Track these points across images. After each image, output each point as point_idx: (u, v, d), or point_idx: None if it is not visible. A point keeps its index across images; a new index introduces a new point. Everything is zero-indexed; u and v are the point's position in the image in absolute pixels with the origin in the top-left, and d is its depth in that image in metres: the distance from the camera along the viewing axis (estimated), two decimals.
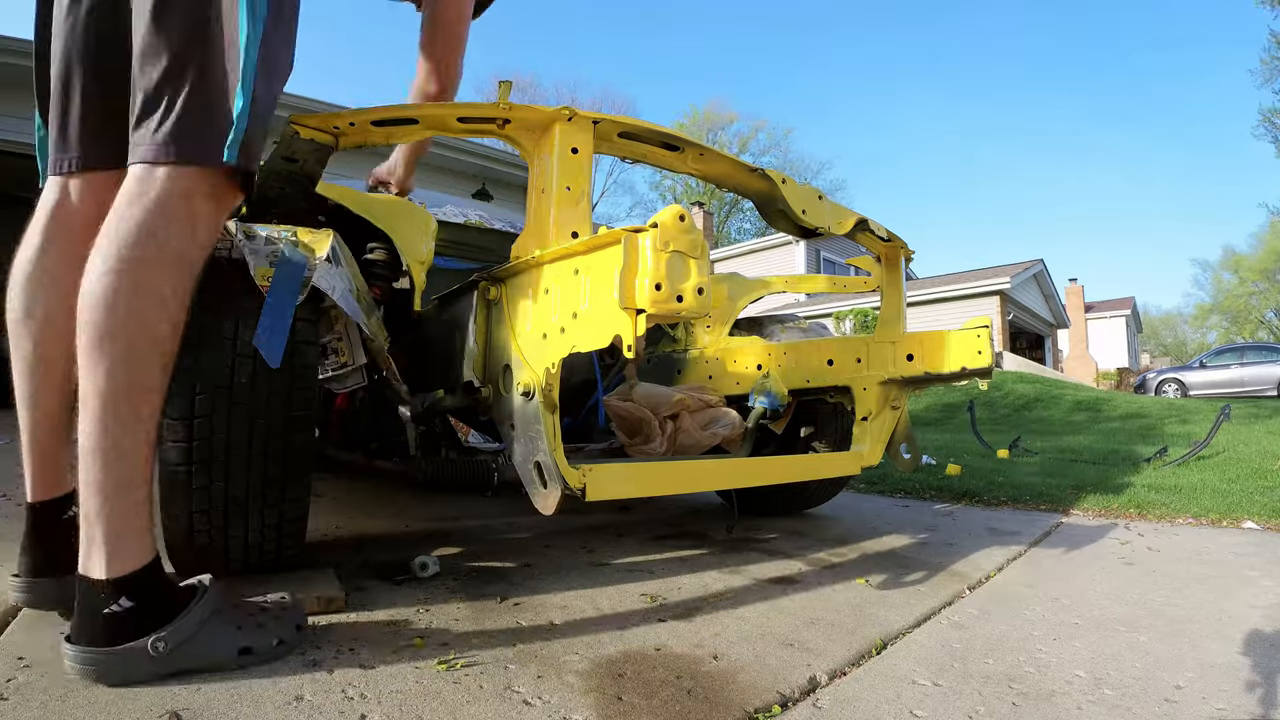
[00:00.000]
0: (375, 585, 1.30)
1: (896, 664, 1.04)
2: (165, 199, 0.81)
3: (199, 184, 0.84)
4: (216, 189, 0.87)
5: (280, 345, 1.08)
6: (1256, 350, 14.47)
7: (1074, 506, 2.57)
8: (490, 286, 1.22)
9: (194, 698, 0.82)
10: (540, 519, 2.04)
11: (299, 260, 1.12)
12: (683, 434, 1.77)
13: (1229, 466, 3.48)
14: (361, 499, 2.26)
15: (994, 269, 18.71)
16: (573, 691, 0.89)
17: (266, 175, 1.31)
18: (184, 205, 0.83)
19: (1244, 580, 1.58)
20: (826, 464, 1.67)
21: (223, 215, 0.90)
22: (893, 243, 1.69)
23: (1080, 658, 1.08)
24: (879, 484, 3.08)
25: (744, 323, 2.43)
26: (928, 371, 1.61)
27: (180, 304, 0.85)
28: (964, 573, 1.60)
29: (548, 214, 1.10)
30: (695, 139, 1.36)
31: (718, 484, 1.46)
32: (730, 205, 31.74)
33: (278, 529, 1.16)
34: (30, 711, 0.77)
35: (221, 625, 0.89)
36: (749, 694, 0.91)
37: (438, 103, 1.17)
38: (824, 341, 1.87)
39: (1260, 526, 2.25)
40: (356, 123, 1.14)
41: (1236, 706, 0.92)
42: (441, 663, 0.95)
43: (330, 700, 0.83)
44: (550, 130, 1.13)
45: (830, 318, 16.58)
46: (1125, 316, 26.23)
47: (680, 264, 0.86)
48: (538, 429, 1.03)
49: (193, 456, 1.06)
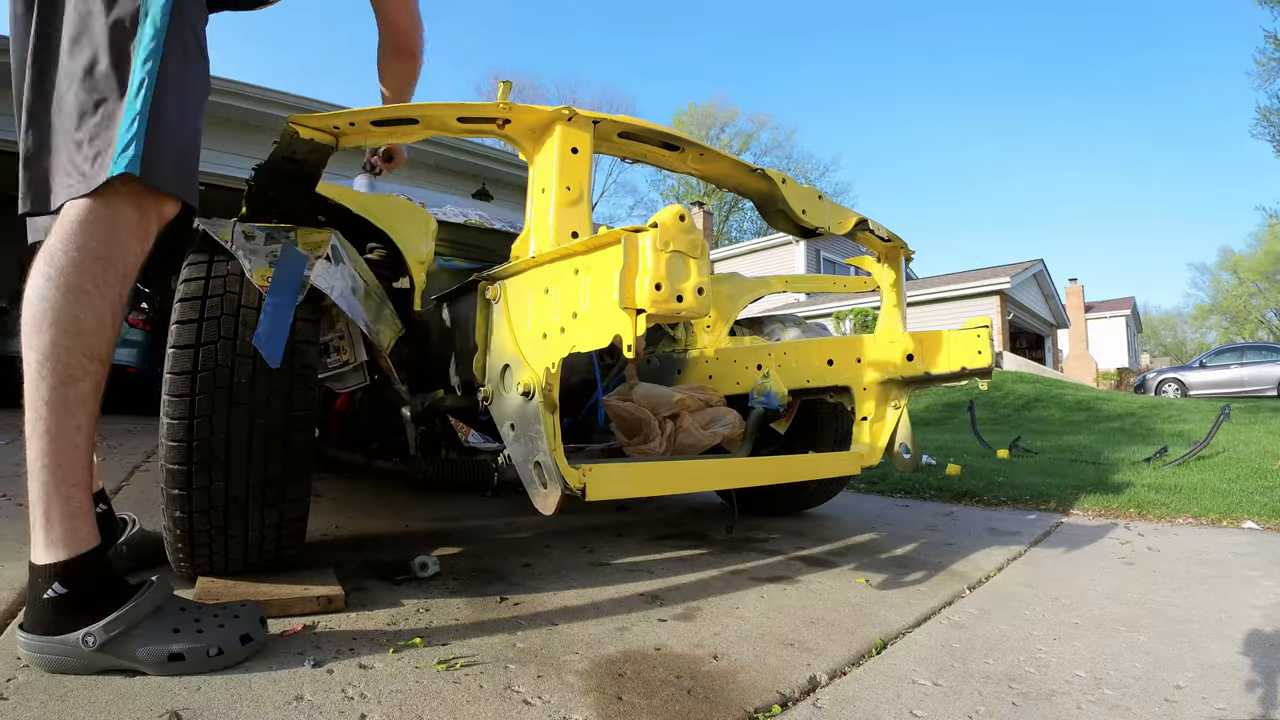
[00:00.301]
0: (375, 585, 1.30)
1: (896, 664, 1.04)
2: (87, 207, 0.89)
3: (119, 193, 0.90)
4: (137, 197, 0.91)
5: (280, 345, 1.08)
6: (1256, 350, 14.47)
7: (1074, 506, 2.57)
8: (490, 286, 1.22)
9: (194, 697, 0.82)
10: (540, 519, 2.04)
11: (298, 260, 1.13)
12: (683, 434, 1.77)
13: (1229, 466, 3.49)
14: (361, 499, 2.26)
15: (994, 269, 18.72)
16: (573, 691, 0.89)
17: (267, 175, 1.31)
18: (106, 211, 0.89)
19: (1244, 580, 1.58)
20: (826, 464, 1.67)
21: (149, 221, 0.94)
22: (893, 243, 1.69)
23: (1080, 657, 1.08)
24: (879, 484, 3.08)
25: (744, 322, 2.43)
26: (928, 371, 1.61)
27: (105, 299, 0.89)
28: (964, 572, 1.60)
29: (548, 214, 1.10)
30: (695, 139, 1.36)
31: (718, 484, 1.45)
32: (730, 205, 31.74)
33: (278, 529, 1.16)
34: (30, 711, 0.77)
35: (157, 627, 0.88)
36: (749, 694, 0.91)
37: (437, 103, 1.17)
38: (824, 341, 1.87)
39: (1260, 526, 2.25)
40: (356, 123, 1.14)
41: (1236, 706, 0.92)
42: (441, 663, 0.95)
43: (330, 700, 0.83)
44: (550, 130, 1.13)
45: (830, 318, 16.59)
46: (1125, 316, 26.24)
47: (680, 264, 0.86)
48: (538, 429, 1.03)
49: (193, 456, 1.06)
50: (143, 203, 0.91)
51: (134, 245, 0.92)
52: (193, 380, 1.05)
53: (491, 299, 1.22)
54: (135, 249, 0.92)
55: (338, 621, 1.09)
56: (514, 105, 1.12)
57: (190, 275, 1.12)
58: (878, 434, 1.68)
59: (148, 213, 0.93)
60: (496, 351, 1.16)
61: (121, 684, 0.84)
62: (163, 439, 1.06)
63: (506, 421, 1.10)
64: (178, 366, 1.05)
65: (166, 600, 0.92)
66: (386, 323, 1.30)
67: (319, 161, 1.25)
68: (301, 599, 1.12)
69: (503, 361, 1.13)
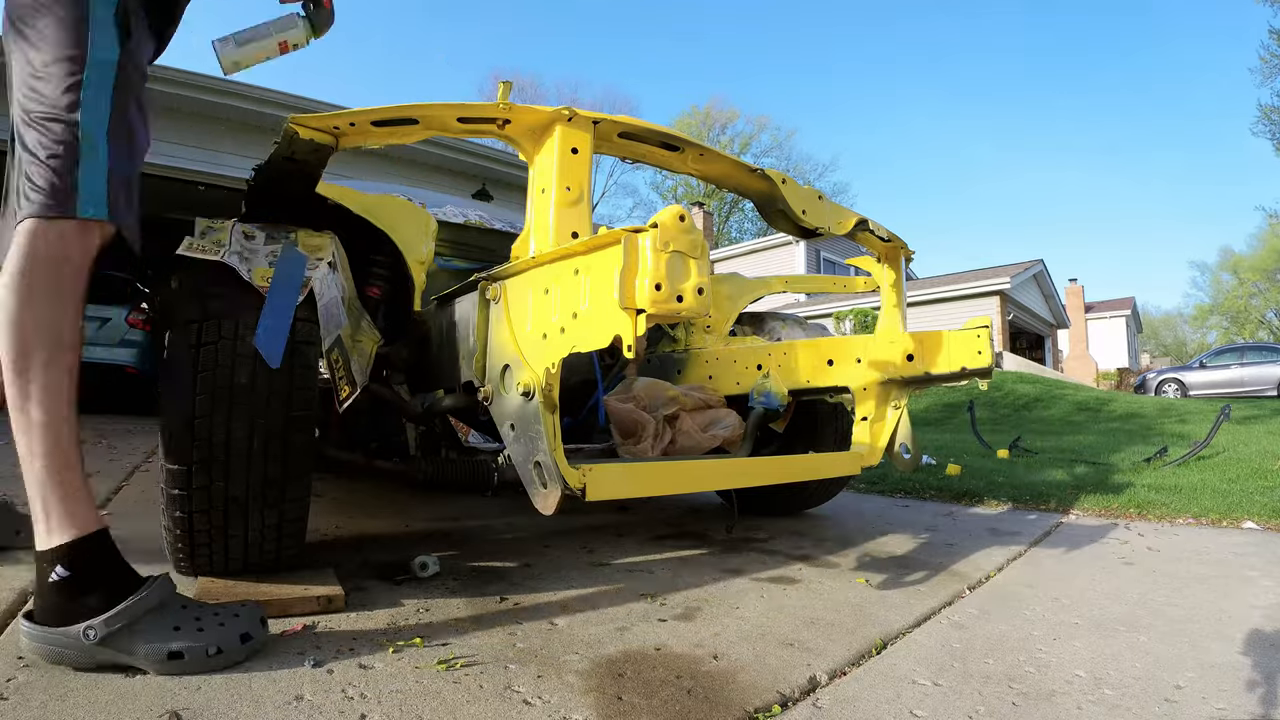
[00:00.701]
0: (375, 585, 1.30)
1: (896, 664, 1.04)
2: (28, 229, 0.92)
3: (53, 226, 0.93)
4: (76, 228, 0.94)
5: (280, 345, 1.08)
6: (1256, 350, 14.46)
7: (1074, 506, 2.57)
8: (490, 286, 1.22)
9: (194, 697, 0.82)
10: (540, 519, 2.04)
11: (298, 261, 1.13)
12: (682, 436, 1.77)
13: (1229, 466, 3.48)
14: (361, 499, 2.26)
15: (994, 269, 18.71)
16: (573, 691, 0.89)
17: (267, 175, 1.31)
18: (47, 230, 0.93)
19: (1244, 580, 1.58)
20: (826, 464, 1.67)
21: (86, 242, 0.95)
22: (893, 243, 1.69)
23: (1080, 658, 1.08)
24: (879, 484, 3.08)
25: (745, 320, 2.43)
26: (928, 371, 1.61)
27: (53, 307, 0.91)
28: (964, 573, 1.60)
29: (548, 214, 1.10)
30: (695, 139, 1.36)
31: (717, 484, 1.45)
32: (730, 205, 31.73)
33: (278, 529, 1.16)
34: (30, 711, 0.77)
35: (158, 624, 0.89)
36: (749, 694, 0.91)
37: (438, 103, 1.17)
38: (824, 341, 1.87)
39: (1260, 526, 2.25)
40: (356, 123, 1.14)
41: (1237, 706, 0.92)
42: (441, 663, 0.95)
43: (330, 700, 0.83)
44: (550, 130, 1.13)
45: (830, 318, 16.58)
46: (1125, 317, 26.24)
47: (680, 264, 0.86)
48: (538, 429, 1.03)
49: (193, 456, 1.06)
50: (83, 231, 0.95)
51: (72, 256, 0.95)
52: (193, 380, 1.05)
53: (491, 299, 1.21)
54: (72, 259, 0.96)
55: (338, 621, 1.09)
56: (514, 106, 1.12)
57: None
58: (878, 434, 1.68)
59: (87, 235, 0.96)
60: (496, 351, 1.16)
61: (121, 684, 0.84)
62: (162, 439, 1.06)
63: (506, 421, 1.10)
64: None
65: (169, 597, 0.93)
66: (365, 334, 1.31)
67: (319, 161, 1.25)
68: (301, 599, 1.12)
69: (503, 361, 1.13)
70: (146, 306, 6.45)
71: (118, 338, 6.16)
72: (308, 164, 1.25)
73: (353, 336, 1.26)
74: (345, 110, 1.12)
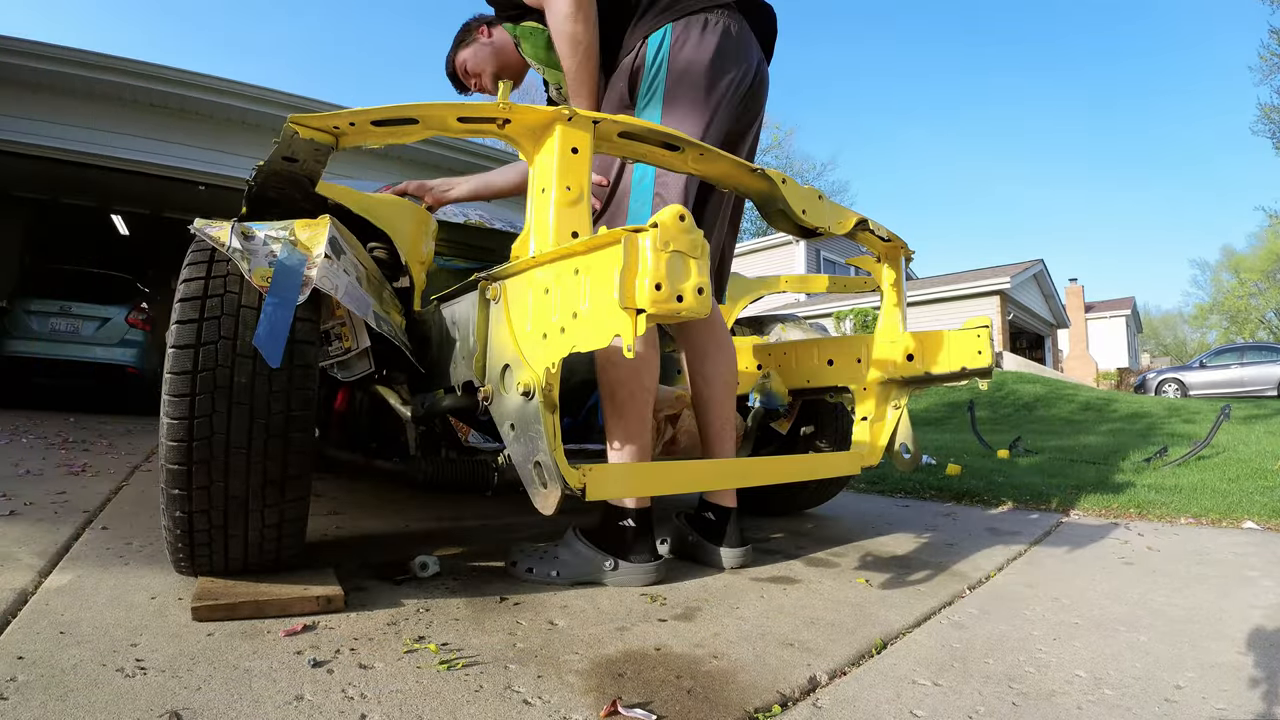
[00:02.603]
0: (375, 585, 1.30)
1: (896, 664, 1.04)
2: None
3: None
4: None
5: (280, 345, 1.08)
6: (1256, 350, 14.47)
7: (1074, 506, 2.57)
8: (490, 286, 1.22)
9: (194, 697, 0.82)
10: (540, 519, 2.04)
11: (298, 260, 1.12)
12: (684, 435, 1.77)
13: (1229, 466, 3.48)
14: (361, 499, 2.26)
15: (994, 269, 18.71)
16: (573, 691, 0.89)
17: (267, 175, 1.31)
18: None
19: (1244, 580, 1.58)
20: (826, 464, 1.67)
21: None
22: (893, 243, 1.69)
23: (1080, 657, 1.08)
24: (879, 484, 3.08)
25: (744, 322, 2.43)
26: (928, 371, 1.61)
27: None
28: (964, 572, 1.60)
29: (548, 214, 1.10)
30: (694, 139, 1.35)
31: (718, 484, 1.45)
32: None
33: (278, 529, 1.16)
34: (30, 711, 0.76)
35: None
36: (749, 694, 0.91)
37: (437, 103, 1.16)
38: (824, 341, 1.87)
39: (1260, 526, 2.25)
40: (356, 123, 1.14)
41: (1237, 706, 0.91)
42: (442, 663, 0.95)
43: (330, 700, 0.83)
44: (550, 130, 1.13)
45: (830, 318, 16.58)
46: (1125, 316, 26.24)
47: (680, 264, 0.86)
48: (538, 429, 1.03)
49: (193, 456, 1.06)
50: None
51: None
52: (193, 380, 1.05)
53: (491, 299, 1.21)
54: None
55: (338, 621, 1.09)
56: (514, 105, 1.12)
57: (190, 275, 1.12)
58: (878, 434, 1.68)
59: None
60: (496, 351, 1.16)
61: (121, 684, 0.84)
62: (163, 439, 1.06)
63: (506, 421, 1.10)
64: (178, 366, 1.06)
65: None
66: (390, 304, 1.30)
67: (319, 161, 1.25)
68: (301, 599, 1.12)
69: (503, 361, 1.13)
70: (146, 306, 6.45)
71: (118, 338, 6.17)
72: (308, 164, 1.25)
73: (382, 308, 1.26)
74: (345, 110, 1.12)
